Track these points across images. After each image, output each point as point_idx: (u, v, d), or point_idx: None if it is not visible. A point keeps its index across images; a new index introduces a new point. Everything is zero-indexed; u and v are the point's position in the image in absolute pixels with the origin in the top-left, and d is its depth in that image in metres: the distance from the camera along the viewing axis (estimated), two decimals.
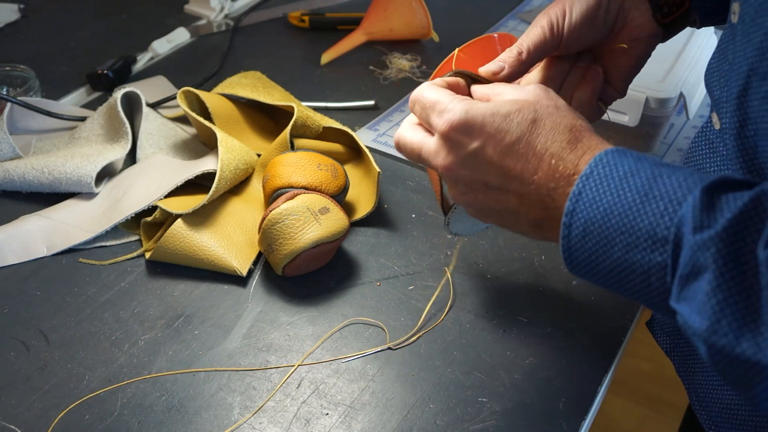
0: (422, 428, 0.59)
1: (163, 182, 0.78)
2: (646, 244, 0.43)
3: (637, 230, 0.43)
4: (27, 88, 0.92)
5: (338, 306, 0.70)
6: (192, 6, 1.21)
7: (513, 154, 0.50)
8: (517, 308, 0.69)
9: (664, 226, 0.42)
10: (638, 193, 0.44)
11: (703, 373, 0.61)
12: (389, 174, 0.85)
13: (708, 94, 0.57)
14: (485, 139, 0.51)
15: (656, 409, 1.67)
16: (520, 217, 0.52)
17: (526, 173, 0.50)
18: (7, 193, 0.82)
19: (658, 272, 0.43)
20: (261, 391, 0.62)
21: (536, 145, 0.49)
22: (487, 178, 0.51)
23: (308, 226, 0.68)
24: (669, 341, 0.65)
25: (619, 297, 0.69)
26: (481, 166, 0.51)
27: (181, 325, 0.68)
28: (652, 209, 0.43)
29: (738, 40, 0.49)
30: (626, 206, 0.44)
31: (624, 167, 0.46)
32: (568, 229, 0.47)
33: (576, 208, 0.46)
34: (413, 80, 1.03)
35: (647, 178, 0.44)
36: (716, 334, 0.39)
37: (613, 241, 0.45)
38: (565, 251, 0.48)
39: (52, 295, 0.71)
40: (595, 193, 0.46)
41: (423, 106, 0.54)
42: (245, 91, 0.92)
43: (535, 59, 0.60)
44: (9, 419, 0.60)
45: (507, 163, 0.50)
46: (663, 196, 0.43)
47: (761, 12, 0.46)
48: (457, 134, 0.51)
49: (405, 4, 1.06)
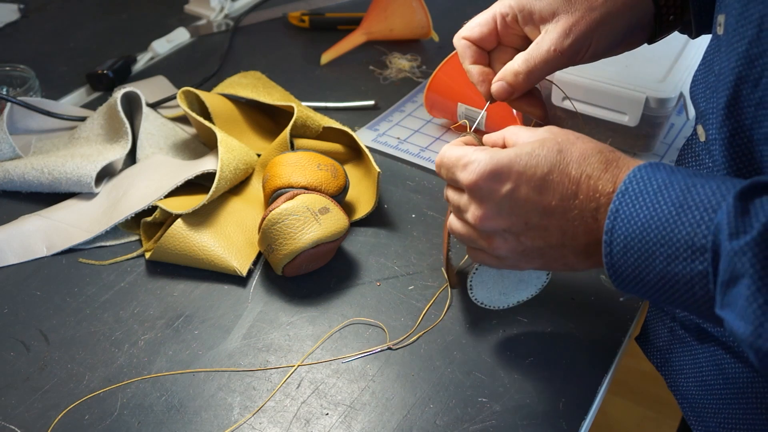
0: (422, 428, 0.59)
1: (163, 182, 0.78)
2: (686, 254, 0.43)
3: (676, 241, 0.44)
4: (27, 88, 0.92)
5: (338, 306, 0.70)
6: (192, 6, 1.21)
7: (548, 185, 0.50)
8: (517, 308, 0.69)
9: (702, 234, 0.43)
10: (674, 205, 0.44)
11: (698, 388, 0.60)
12: (389, 174, 0.85)
13: (693, 107, 0.57)
14: (516, 179, 0.51)
15: (656, 409, 1.67)
16: (565, 249, 0.52)
17: (566, 201, 0.50)
18: (7, 193, 0.82)
19: (701, 281, 0.43)
20: (261, 391, 0.62)
21: (570, 171, 0.50)
22: (526, 219, 0.52)
23: (308, 226, 0.68)
24: (659, 356, 0.65)
25: (619, 298, 0.70)
26: (518, 207, 0.51)
27: (181, 325, 0.68)
28: (688, 219, 0.43)
29: (723, 51, 0.49)
30: (663, 218, 0.45)
31: (658, 180, 0.46)
32: (610, 247, 0.47)
33: (615, 226, 0.47)
34: (413, 80, 1.03)
35: (681, 190, 0.45)
36: (761, 338, 0.39)
37: (654, 254, 0.45)
38: (609, 269, 0.48)
39: (52, 295, 0.71)
40: (631, 209, 0.46)
41: (448, 166, 0.55)
42: (245, 91, 0.92)
43: (535, 80, 0.60)
44: (9, 419, 0.60)
45: (544, 197, 0.51)
46: (698, 206, 0.43)
47: (742, 21, 0.46)
48: (486, 182, 0.52)
49: (405, 4, 1.06)
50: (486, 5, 0.64)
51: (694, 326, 0.59)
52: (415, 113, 0.96)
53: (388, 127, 0.93)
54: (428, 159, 0.87)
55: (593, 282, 0.71)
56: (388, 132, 0.92)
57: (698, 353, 0.60)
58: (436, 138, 0.91)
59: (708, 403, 0.59)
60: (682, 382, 0.62)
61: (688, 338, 0.61)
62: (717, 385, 0.58)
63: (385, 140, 0.91)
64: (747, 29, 0.45)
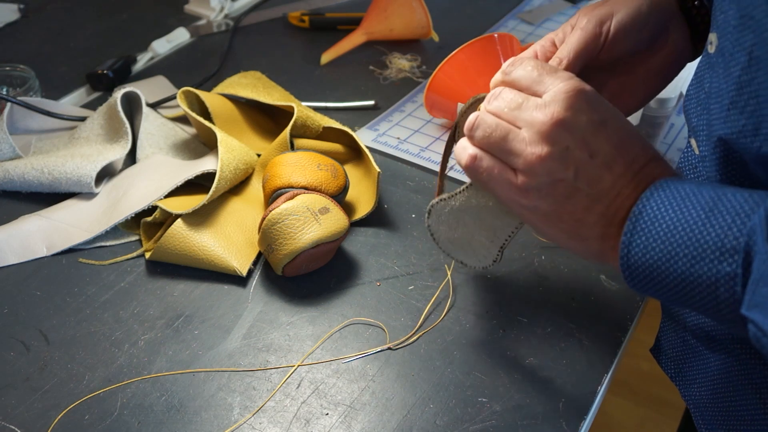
0: (422, 428, 0.59)
1: (163, 182, 0.78)
2: (714, 256, 0.43)
3: (704, 242, 0.44)
4: (27, 88, 0.92)
5: (338, 306, 0.70)
6: (192, 6, 1.21)
7: (627, 145, 0.49)
8: (517, 308, 0.69)
9: (733, 237, 0.42)
10: (703, 210, 0.44)
11: (709, 396, 0.60)
12: (389, 174, 0.85)
13: (686, 121, 0.57)
14: (610, 116, 0.49)
15: (656, 409, 1.67)
16: (593, 210, 0.50)
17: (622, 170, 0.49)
18: (7, 193, 0.82)
19: (727, 282, 0.43)
20: (261, 391, 0.62)
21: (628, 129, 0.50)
22: (591, 151, 0.49)
23: (308, 226, 0.68)
24: (673, 366, 0.65)
25: (619, 298, 0.70)
26: (594, 139, 0.49)
27: (181, 325, 0.68)
28: (719, 222, 0.43)
29: (714, 69, 0.50)
30: (691, 221, 0.45)
31: (686, 189, 0.46)
32: (628, 248, 0.47)
33: (636, 227, 0.47)
34: (413, 80, 1.03)
35: (711, 197, 0.45)
36: None
37: (677, 255, 0.45)
38: (625, 270, 0.48)
39: (52, 295, 0.71)
40: (657, 211, 0.46)
41: (533, 65, 0.51)
42: (245, 91, 0.92)
43: (576, 67, 0.59)
44: (9, 419, 0.60)
45: (618, 151, 0.49)
46: (729, 211, 0.43)
47: (737, 47, 0.46)
48: (582, 95, 0.49)
49: (405, 4, 1.06)
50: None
51: (705, 335, 0.59)
52: (415, 113, 0.96)
53: (388, 127, 0.93)
54: (428, 159, 0.87)
55: (593, 282, 0.71)
56: (388, 132, 0.92)
57: (709, 362, 0.60)
58: (436, 138, 0.91)
59: (718, 411, 0.59)
60: (695, 391, 0.62)
61: (700, 347, 0.61)
62: (727, 393, 0.58)
63: (385, 140, 0.91)
64: (740, 56, 0.46)
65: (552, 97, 0.49)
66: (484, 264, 0.64)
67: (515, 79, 0.52)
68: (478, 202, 0.59)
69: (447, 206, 0.61)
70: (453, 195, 0.60)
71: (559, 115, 0.49)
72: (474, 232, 0.62)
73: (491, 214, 0.60)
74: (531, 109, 0.50)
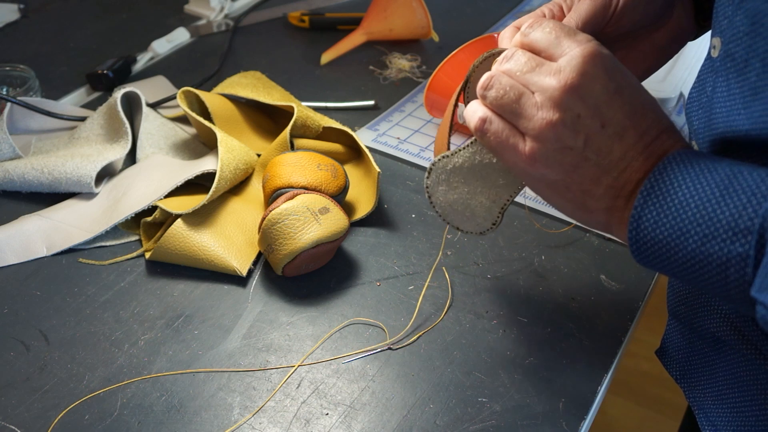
0: (422, 428, 0.59)
1: (163, 182, 0.78)
2: (726, 235, 0.43)
3: (716, 221, 0.43)
4: (27, 88, 0.92)
5: (338, 306, 0.70)
6: (192, 6, 1.21)
7: (640, 114, 0.48)
8: (517, 308, 0.69)
9: (747, 217, 0.42)
10: (718, 187, 0.44)
11: (714, 399, 0.60)
12: (389, 174, 0.85)
13: (687, 124, 0.57)
14: (627, 81, 0.48)
15: (656, 409, 1.67)
16: (601, 181, 0.49)
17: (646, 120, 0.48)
18: (7, 193, 0.82)
19: (738, 263, 0.42)
20: (261, 391, 0.62)
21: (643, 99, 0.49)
22: (603, 121, 0.48)
23: (308, 226, 0.68)
24: (679, 369, 0.65)
25: (619, 298, 0.70)
26: (608, 107, 0.48)
27: (181, 325, 0.68)
28: (733, 201, 0.43)
29: (717, 73, 0.49)
30: (705, 198, 0.44)
31: (701, 164, 0.45)
32: (637, 222, 0.46)
33: (648, 201, 0.46)
34: (413, 80, 1.03)
35: (726, 175, 0.44)
36: None
37: (688, 232, 0.44)
38: (633, 243, 0.47)
39: (52, 295, 0.71)
40: (669, 186, 0.45)
41: (551, 27, 0.49)
42: (245, 91, 0.92)
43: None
44: (9, 419, 0.60)
45: (631, 120, 0.48)
46: (746, 190, 0.43)
47: (752, 53, 0.46)
48: (600, 60, 0.48)
49: (405, 4, 1.06)
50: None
51: (712, 337, 0.59)
52: (415, 113, 0.96)
53: (388, 127, 0.93)
54: (428, 159, 0.87)
55: (593, 282, 0.71)
56: (388, 132, 0.92)
57: (715, 364, 0.60)
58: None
59: (724, 413, 0.59)
60: (699, 394, 0.62)
61: (706, 350, 0.61)
62: (733, 395, 0.58)
63: (385, 140, 0.91)
64: (755, 62, 0.45)
65: (567, 62, 0.48)
66: (483, 228, 0.61)
67: (533, 41, 0.51)
68: (482, 159, 0.57)
69: (450, 163, 0.58)
70: (456, 151, 0.58)
71: (573, 82, 0.47)
72: (475, 191, 0.59)
73: (495, 171, 0.58)
74: (545, 74, 0.49)
